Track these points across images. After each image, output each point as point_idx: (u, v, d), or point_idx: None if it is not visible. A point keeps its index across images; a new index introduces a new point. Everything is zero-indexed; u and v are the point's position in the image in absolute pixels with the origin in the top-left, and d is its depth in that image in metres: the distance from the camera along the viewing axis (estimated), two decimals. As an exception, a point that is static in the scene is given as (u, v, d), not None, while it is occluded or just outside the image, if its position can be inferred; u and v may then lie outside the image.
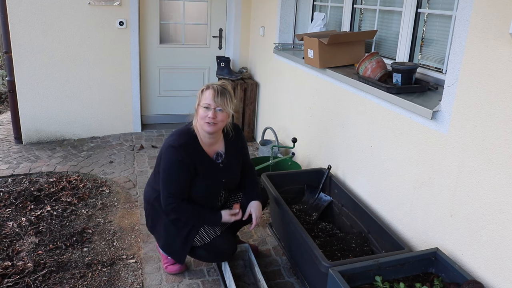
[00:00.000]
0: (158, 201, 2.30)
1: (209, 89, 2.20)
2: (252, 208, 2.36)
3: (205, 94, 2.20)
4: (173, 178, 2.18)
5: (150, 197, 2.37)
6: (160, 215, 2.32)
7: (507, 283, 1.66)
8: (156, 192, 2.32)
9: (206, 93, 2.20)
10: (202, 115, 2.19)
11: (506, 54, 1.63)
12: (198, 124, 2.24)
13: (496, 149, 1.69)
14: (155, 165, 2.41)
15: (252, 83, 4.67)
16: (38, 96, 4.33)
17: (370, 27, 3.07)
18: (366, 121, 2.58)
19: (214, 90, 2.19)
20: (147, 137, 4.68)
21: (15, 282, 2.37)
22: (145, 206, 2.44)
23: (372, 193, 2.56)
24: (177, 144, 2.18)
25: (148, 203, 2.39)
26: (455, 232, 1.92)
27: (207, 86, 2.23)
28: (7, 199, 3.24)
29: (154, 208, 2.35)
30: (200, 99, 2.23)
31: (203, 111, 2.19)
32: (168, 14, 4.88)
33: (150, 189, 2.40)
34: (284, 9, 4.00)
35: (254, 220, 2.34)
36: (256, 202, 2.38)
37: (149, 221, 2.43)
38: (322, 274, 1.97)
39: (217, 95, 2.17)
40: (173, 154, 2.17)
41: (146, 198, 2.42)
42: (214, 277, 2.50)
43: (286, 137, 3.90)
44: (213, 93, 2.17)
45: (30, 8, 4.06)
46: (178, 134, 2.25)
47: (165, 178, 2.19)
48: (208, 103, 2.17)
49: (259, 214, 2.36)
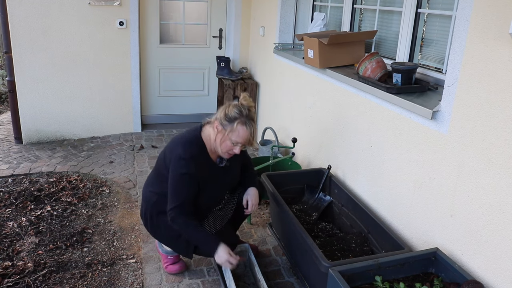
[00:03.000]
0: (158, 204, 2.29)
1: (244, 126, 2.11)
2: (249, 196, 2.39)
3: (239, 130, 2.10)
4: (181, 191, 2.16)
5: (150, 199, 2.35)
6: (161, 217, 2.32)
7: (507, 283, 1.66)
8: (156, 195, 2.31)
9: (240, 129, 2.10)
10: (227, 146, 2.14)
11: (506, 54, 1.63)
12: (217, 146, 2.17)
13: (496, 149, 1.69)
14: (155, 165, 2.40)
15: (252, 83, 4.68)
16: (38, 96, 4.33)
17: (370, 27, 3.07)
18: (366, 121, 2.58)
19: (251, 132, 2.12)
20: (147, 137, 4.68)
21: (15, 282, 2.37)
22: (145, 208, 2.40)
23: (372, 193, 2.56)
24: (188, 157, 2.13)
25: (148, 204, 2.36)
26: (455, 232, 1.92)
27: (242, 121, 2.11)
28: (7, 199, 3.25)
29: (155, 210, 2.33)
30: (229, 129, 2.11)
31: (230, 144, 2.14)
32: (168, 14, 4.88)
33: (150, 192, 2.36)
34: (284, 9, 4.01)
35: (249, 207, 2.38)
36: (253, 188, 2.42)
37: (149, 223, 2.39)
38: (322, 274, 1.97)
39: (252, 138, 2.14)
40: (183, 167, 2.13)
41: (146, 200, 2.39)
42: (214, 277, 2.50)
43: (286, 137, 3.90)
44: (248, 135, 2.12)
45: (30, 8, 4.06)
46: (189, 144, 2.18)
47: (174, 189, 2.16)
48: (239, 142, 2.13)
49: (255, 202, 2.39)
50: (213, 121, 2.20)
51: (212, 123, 2.20)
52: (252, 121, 2.15)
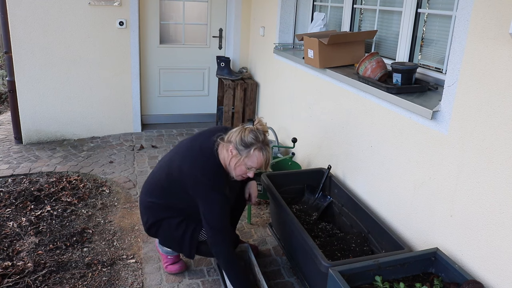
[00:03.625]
0: (161, 211, 2.28)
1: (260, 152, 2.10)
2: (251, 189, 2.51)
3: (255, 156, 2.10)
4: (224, 216, 2.15)
5: (151, 208, 2.32)
6: (164, 222, 2.30)
7: (507, 283, 1.66)
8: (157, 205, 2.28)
9: (256, 156, 2.10)
10: (242, 171, 2.14)
11: (506, 54, 1.63)
12: (231, 169, 2.16)
13: (496, 149, 1.69)
14: (155, 174, 2.34)
15: (252, 83, 4.68)
16: (38, 96, 4.33)
17: (370, 27, 3.07)
18: (366, 121, 2.58)
19: (266, 159, 2.12)
20: (147, 137, 4.68)
21: (15, 282, 2.37)
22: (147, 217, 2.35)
23: (372, 193, 2.56)
24: (220, 186, 2.13)
25: (151, 213, 2.32)
26: (455, 232, 1.92)
27: (258, 147, 2.09)
28: (7, 199, 3.25)
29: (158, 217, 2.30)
30: (245, 155, 2.09)
31: (245, 169, 2.13)
32: (168, 14, 4.88)
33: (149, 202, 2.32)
34: (284, 9, 4.01)
35: (252, 199, 2.51)
36: (253, 181, 2.52)
37: (153, 229, 2.36)
38: (322, 274, 1.97)
39: (266, 166, 2.14)
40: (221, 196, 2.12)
41: (146, 208, 2.34)
42: (214, 277, 2.50)
43: (286, 137, 3.90)
44: (264, 161, 2.12)
45: (30, 8, 4.06)
46: (215, 175, 2.14)
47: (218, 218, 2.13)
48: (254, 167, 2.13)
49: (256, 193, 2.53)
50: (225, 142, 2.16)
51: (225, 145, 2.16)
52: (268, 146, 2.14)
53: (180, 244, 2.32)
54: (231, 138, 2.13)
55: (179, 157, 2.22)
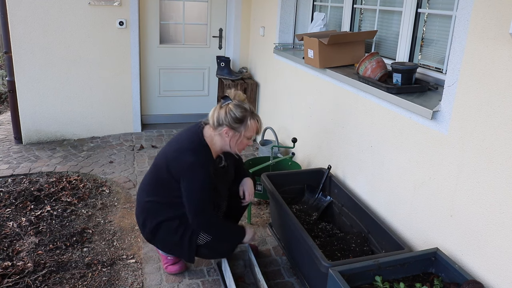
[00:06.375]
0: (158, 213, 2.28)
1: (254, 119, 2.20)
2: (245, 186, 2.48)
3: (252, 125, 2.20)
4: (202, 197, 2.17)
5: (148, 209, 2.31)
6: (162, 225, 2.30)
7: (507, 283, 1.66)
8: (154, 204, 2.29)
9: (252, 124, 2.19)
10: (244, 144, 2.24)
11: (506, 54, 1.63)
12: (232, 147, 2.23)
13: (496, 149, 1.69)
14: (151, 172, 2.35)
15: (252, 83, 4.67)
16: (38, 96, 4.33)
17: (370, 27, 3.07)
18: (366, 121, 2.58)
19: (260, 123, 2.25)
20: (147, 137, 4.68)
21: (15, 282, 2.37)
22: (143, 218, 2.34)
23: (372, 193, 2.56)
24: (205, 162, 2.16)
25: (148, 214, 2.31)
26: (455, 232, 1.92)
27: (251, 116, 2.19)
28: (7, 199, 3.24)
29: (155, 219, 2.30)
30: (243, 129, 2.18)
31: (246, 140, 2.24)
32: (168, 14, 4.88)
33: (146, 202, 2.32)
34: (284, 9, 4.00)
35: (247, 197, 2.47)
36: (247, 179, 2.51)
37: (149, 232, 2.34)
38: (322, 274, 1.97)
39: (260, 127, 2.26)
40: (202, 173, 2.14)
41: (143, 209, 2.34)
42: (214, 277, 2.50)
43: (286, 137, 3.90)
44: (259, 126, 2.24)
45: (30, 8, 4.06)
46: (199, 152, 2.18)
47: (195, 197, 2.16)
48: (253, 135, 2.24)
49: (251, 191, 2.49)
50: (214, 126, 2.18)
51: (216, 129, 2.18)
52: (254, 109, 2.26)
53: (179, 248, 2.32)
54: (219, 120, 2.17)
55: (169, 148, 2.29)
